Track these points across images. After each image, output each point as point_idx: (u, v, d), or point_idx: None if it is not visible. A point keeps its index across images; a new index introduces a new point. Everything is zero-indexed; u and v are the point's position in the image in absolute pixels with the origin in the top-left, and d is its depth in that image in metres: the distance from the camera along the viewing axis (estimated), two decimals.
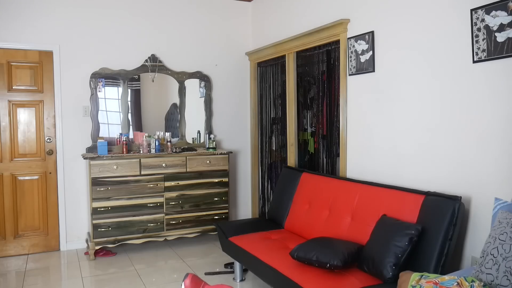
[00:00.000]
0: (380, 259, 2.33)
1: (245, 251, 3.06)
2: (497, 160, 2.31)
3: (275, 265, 2.68)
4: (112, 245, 4.04)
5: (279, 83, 4.57)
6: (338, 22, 3.42)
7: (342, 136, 3.51)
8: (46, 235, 4.24)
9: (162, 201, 4.20)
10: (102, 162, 3.96)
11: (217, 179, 4.44)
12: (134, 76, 4.54)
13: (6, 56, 4.04)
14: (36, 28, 4.11)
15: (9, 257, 4.07)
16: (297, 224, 3.39)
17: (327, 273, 2.45)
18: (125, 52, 4.47)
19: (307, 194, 3.43)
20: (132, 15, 4.50)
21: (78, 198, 4.32)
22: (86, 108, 4.33)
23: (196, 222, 4.36)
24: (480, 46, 2.34)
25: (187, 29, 4.77)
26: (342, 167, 3.53)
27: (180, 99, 4.75)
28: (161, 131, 4.63)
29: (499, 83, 2.28)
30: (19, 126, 4.13)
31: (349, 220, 2.91)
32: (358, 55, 3.29)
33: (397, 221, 2.48)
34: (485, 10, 2.30)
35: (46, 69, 4.18)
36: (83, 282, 3.47)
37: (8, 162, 4.10)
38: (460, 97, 2.51)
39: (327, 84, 3.78)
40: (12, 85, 4.09)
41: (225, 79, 4.98)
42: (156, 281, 3.48)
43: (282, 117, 4.50)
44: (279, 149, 4.63)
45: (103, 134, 4.38)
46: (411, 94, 2.86)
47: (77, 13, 4.26)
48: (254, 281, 3.43)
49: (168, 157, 4.23)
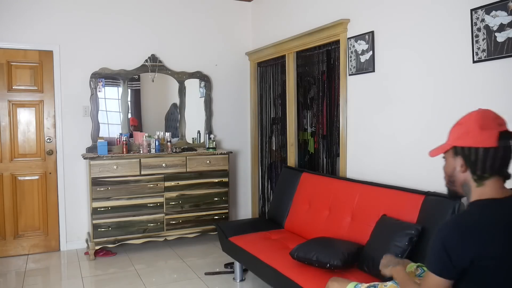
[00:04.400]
0: (380, 259, 2.33)
1: (245, 251, 3.06)
2: None
3: (275, 265, 2.68)
4: (112, 245, 4.04)
5: (279, 83, 4.57)
6: (338, 22, 3.42)
7: (342, 136, 3.51)
8: (46, 235, 4.23)
9: (162, 201, 4.20)
10: (102, 162, 3.96)
11: (217, 179, 4.44)
12: (134, 76, 4.54)
13: (6, 56, 4.04)
14: (36, 28, 4.11)
15: (9, 257, 4.06)
16: (297, 224, 3.39)
17: (327, 273, 2.45)
18: (125, 52, 4.47)
19: (307, 194, 3.43)
20: (132, 15, 4.49)
21: (78, 198, 4.32)
22: (86, 108, 4.33)
23: (196, 222, 4.36)
24: (480, 46, 2.34)
25: (187, 29, 4.77)
26: (342, 167, 3.53)
27: (180, 99, 4.75)
28: (161, 131, 4.63)
29: (499, 83, 2.28)
30: (19, 126, 4.13)
31: (349, 220, 2.91)
32: (358, 55, 3.29)
33: (397, 221, 2.48)
34: (485, 10, 2.30)
35: (46, 69, 4.18)
36: (83, 282, 3.47)
37: (8, 162, 4.10)
38: (460, 97, 2.51)
39: (327, 84, 3.78)
40: (12, 85, 4.08)
41: (225, 79, 4.98)
42: (156, 281, 3.48)
43: (282, 117, 4.50)
44: (279, 149, 4.63)
45: (103, 134, 4.38)
46: (411, 94, 2.86)
47: (77, 13, 4.26)
48: (254, 281, 3.43)
49: (168, 157, 4.23)
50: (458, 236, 1.24)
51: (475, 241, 1.23)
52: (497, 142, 1.27)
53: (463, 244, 1.24)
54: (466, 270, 1.26)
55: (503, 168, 1.31)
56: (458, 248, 1.24)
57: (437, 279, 1.28)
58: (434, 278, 1.29)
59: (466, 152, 1.32)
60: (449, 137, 1.39)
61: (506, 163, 1.31)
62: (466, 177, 1.34)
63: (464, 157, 1.33)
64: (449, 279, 1.27)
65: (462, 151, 1.33)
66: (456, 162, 1.35)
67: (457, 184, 1.38)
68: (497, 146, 1.27)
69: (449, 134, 1.39)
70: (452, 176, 1.38)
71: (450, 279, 1.27)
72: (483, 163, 1.29)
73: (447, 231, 1.28)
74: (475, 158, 1.30)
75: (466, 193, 1.37)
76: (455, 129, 1.37)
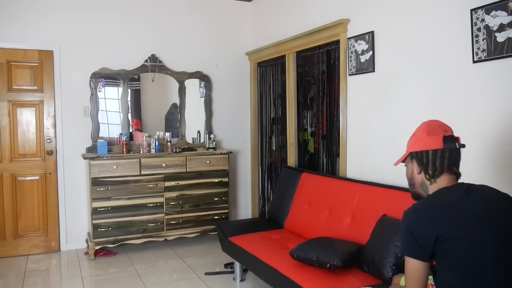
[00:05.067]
0: (380, 259, 2.34)
1: (245, 251, 3.06)
2: (497, 160, 2.31)
3: (275, 265, 2.68)
4: (112, 245, 4.04)
5: (279, 83, 4.57)
6: (338, 22, 3.42)
7: (342, 136, 3.51)
8: (46, 236, 4.22)
9: (162, 201, 4.20)
10: (102, 162, 3.96)
11: (217, 179, 4.44)
12: (134, 76, 4.54)
13: (6, 56, 4.03)
14: (37, 28, 4.11)
15: (9, 257, 4.05)
16: (297, 224, 3.39)
17: (327, 273, 2.45)
18: (125, 52, 4.47)
19: (307, 194, 3.42)
20: (132, 15, 4.50)
21: (78, 198, 4.31)
22: (86, 108, 4.33)
23: (196, 222, 4.36)
24: (480, 46, 2.34)
25: (187, 29, 4.77)
26: (342, 167, 3.53)
27: (180, 99, 4.75)
28: (161, 131, 4.63)
29: (499, 83, 2.28)
30: (19, 126, 4.12)
31: (349, 220, 2.91)
32: (358, 55, 3.29)
33: (397, 221, 2.47)
34: (485, 10, 2.30)
35: (46, 68, 4.17)
36: (83, 282, 3.47)
37: (8, 162, 4.09)
38: (460, 97, 2.51)
39: (327, 84, 3.78)
40: (12, 85, 4.08)
41: (225, 79, 4.98)
42: (156, 281, 3.48)
43: (282, 117, 4.50)
44: (279, 149, 4.63)
45: (103, 134, 4.38)
46: (411, 94, 2.86)
47: (77, 13, 4.26)
48: (254, 281, 3.43)
49: (168, 157, 4.23)
50: (418, 218, 1.42)
51: (434, 220, 1.39)
52: (442, 144, 1.49)
53: (424, 224, 1.40)
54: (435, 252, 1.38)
55: (451, 167, 1.50)
56: (421, 229, 1.39)
57: (411, 261, 1.40)
58: (408, 261, 1.42)
59: (419, 155, 1.53)
60: (407, 146, 1.61)
61: (454, 163, 1.51)
62: (422, 177, 1.54)
63: (417, 160, 1.54)
64: (421, 260, 1.39)
65: (416, 155, 1.54)
66: (413, 166, 1.56)
67: (417, 185, 1.57)
68: (443, 148, 1.48)
69: (407, 144, 1.61)
70: (412, 179, 1.59)
71: (422, 260, 1.39)
72: (433, 163, 1.50)
73: (409, 216, 1.45)
74: (426, 159, 1.51)
75: (425, 192, 1.55)
76: (410, 140, 1.60)
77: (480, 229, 1.36)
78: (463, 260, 1.35)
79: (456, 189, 1.47)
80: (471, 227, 1.36)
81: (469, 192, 1.45)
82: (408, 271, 1.43)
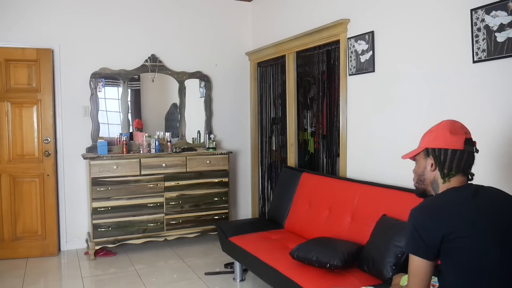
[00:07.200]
0: (380, 259, 2.34)
1: (245, 251, 3.06)
2: (498, 160, 2.31)
3: (275, 265, 2.68)
4: (112, 245, 4.04)
5: (279, 83, 4.57)
6: (338, 22, 3.42)
7: (342, 136, 3.51)
8: (44, 239, 4.13)
9: (162, 201, 4.20)
10: (102, 162, 3.96)
11: (217, 179, 4.44)
12: (134, 76, 4.54)
13: (3, 54, 3.98)
14: (36, 28, 4.11)
15: (8, 259, 3.99)
16: (297, 224, 3.39)
17: (327, 273, 2.45)
18: (125, 52, 4.47)
19: (307, 194, 3.43)
20: (132, 15, 4.49)
21: (78, 198, 4.31)
22: (86, 108, 4.33)
23: (196, 222, 4.36)
24: (480, 46, 2.34)
25: (187, 29, 4.77)
26: (342, 167, 3.53)
27: (180, 99, 4.75)
28: (161, 131, 4.63)
29: (499, 83, 2.28)
30: (17, 126, 4.06)
31: (349, 220, 2.91)
32: (358, 55, 3.29)
33: (397, 221, 2.48)
34: (485, 10, 2.30)
35: (44, 67, 4.09)
36: (83, 282, 3.47)
37: (6, 163, 4.04)
38: (460, 97, 2.51)
39: (327, 84, 3.78)
40: (10, 83, 4.02)
41: (225, 79, 4.98)
42: (156, 281, 3.48)
43: (282, 117, 4.50)
44: (279, 149, 4.63)
45: (103, 134, 4.38)
46: (411, 94, 2.86)
47: (77, 13, 4.26)
48: (254, 281, 3.43)
49: (168, 157, 4.23)
50: (425, 216, 1.41)
51: (441, 219, 1.38)
52: (463, 145, 1.49)
53: (431, 223, 1.39)
54: (440, 251, 1.37)
55: (466, 169, 1.51)
56: (427, 227, 1.39)
57: (416, 259, 1.40)
58: (412, 259, 1.41)
59: (436, 152, 1.52)
60: (421, 142, 1.60)
61: (469, 165, 1.52)
62: (435, 175, 1.54)
63: (434, 157, 1.53)
64: (426, 258, 1.38)
65: (433, 152, 1.53)
66: (427, 162, 1.55)
67: (427, 182, 1.57)
68: (463, 149, 1.49)
69: (421, 140, 1.61)
70: (423, 175, 1.58)
71: (427, 259, 1.38)
72: (450, 162, 1.50)
73: (416, 214, 1.44)
74: (445, 157, 1.51)
75: (434, 190, 1.55)
76: (427, 135, 1.59)
77: (487, 230, 1.37)
78: (468, 260, 1.35)
79: (465, 190, 1.48)
80: (478, 228, 1.36)
81: (478, 193, 1.46)
82: (411, 269, 1.42)
